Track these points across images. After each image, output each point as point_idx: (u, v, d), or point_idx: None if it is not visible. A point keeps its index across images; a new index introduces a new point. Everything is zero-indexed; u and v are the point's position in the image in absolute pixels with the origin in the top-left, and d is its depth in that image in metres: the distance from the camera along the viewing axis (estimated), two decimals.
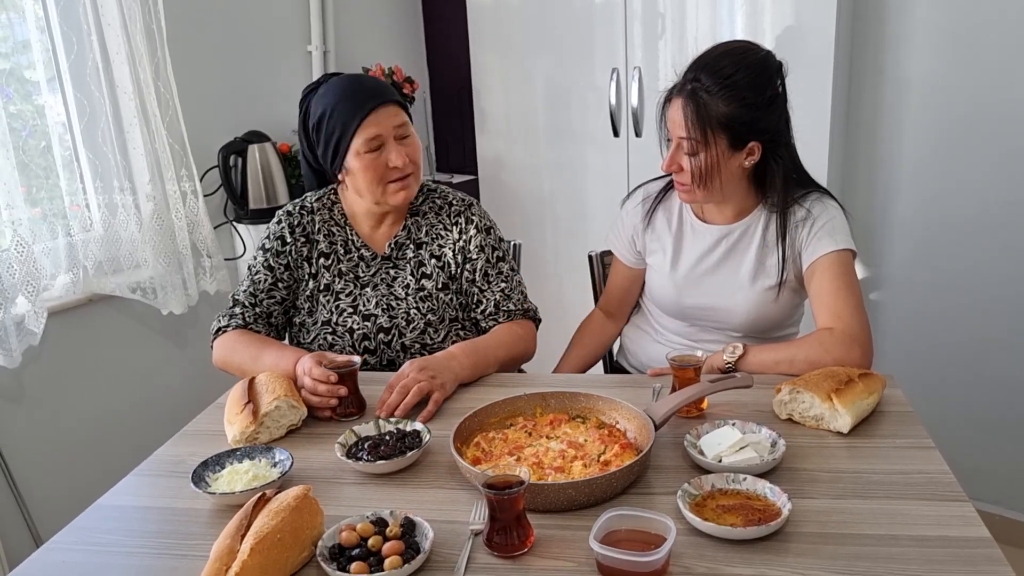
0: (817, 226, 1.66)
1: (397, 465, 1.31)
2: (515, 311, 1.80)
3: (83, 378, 2.35)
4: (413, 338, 1.77)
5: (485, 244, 1.82)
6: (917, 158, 2.49)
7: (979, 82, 2.33)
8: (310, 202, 1.84)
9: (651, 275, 1.87)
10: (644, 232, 1.85)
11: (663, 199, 1.85)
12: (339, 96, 1.70)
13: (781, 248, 1.70)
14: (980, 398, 2.53)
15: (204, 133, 2.58)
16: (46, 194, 2.26)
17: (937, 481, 1.19)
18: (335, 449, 1.34)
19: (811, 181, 1.75)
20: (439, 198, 1.86)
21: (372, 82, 1.75)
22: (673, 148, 1.66)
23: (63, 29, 2.21)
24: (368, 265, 1.81)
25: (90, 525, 1.24)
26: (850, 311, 1.59)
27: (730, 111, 1.58)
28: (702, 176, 1.63)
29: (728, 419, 1.35)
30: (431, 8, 3.49)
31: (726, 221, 1.76)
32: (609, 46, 2.69)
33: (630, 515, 1.07)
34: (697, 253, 1.78)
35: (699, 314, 1.79)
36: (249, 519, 1.08)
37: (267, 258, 1.79)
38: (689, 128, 1.60)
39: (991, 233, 2.40)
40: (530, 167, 3.02)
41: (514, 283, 1.83)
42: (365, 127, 1.67)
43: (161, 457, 1.43)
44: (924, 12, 2.37)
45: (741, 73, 1.58)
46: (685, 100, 1.61)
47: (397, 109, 1.71)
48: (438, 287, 1.80)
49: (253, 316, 1.76)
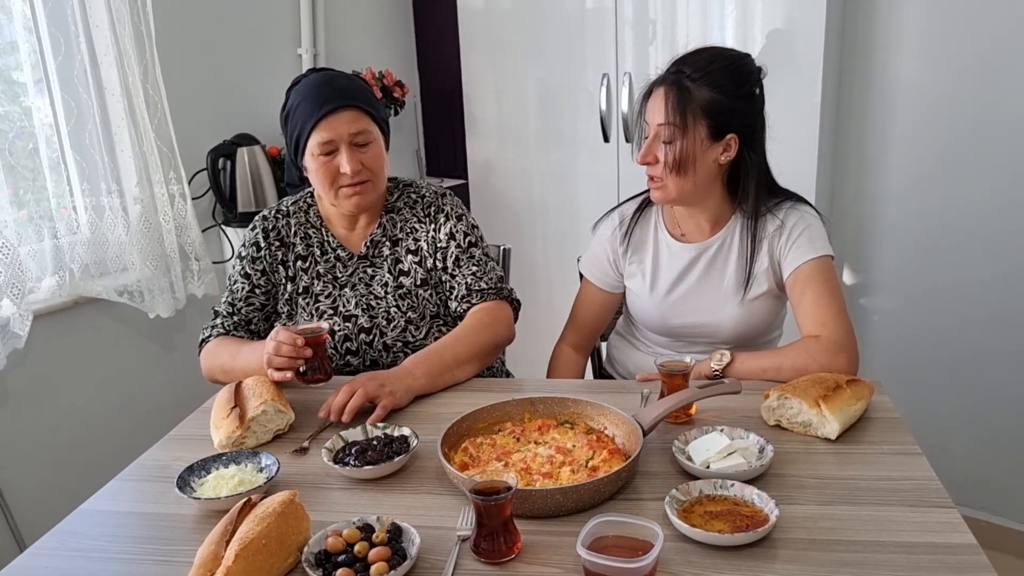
0: (795, 234, 1.67)
1: (384, 470, 1.30)
2: (487, 290, 1.75)
3: (68, 382, 2.33)
4: (395, 336, 1.76)
5: (456, 231, 1.80)
6: (906, 163, 2.50)
7: (968, 87, 2.34)
8: (286, 206, 1.84)
9: (631, 298, 1.85)
10: (624, 255, 1.82)
11: (639, 220, 1.82)
12: (304, 94, 1.69)
13: (749, 257, 1.70)
14: (968, 404, 2.54)
15: (193, 135, 2.57)
16: (33, 196, 2.25)
17: (923, 487, 1.19)
18: (322, 454, 1.34)
19: (783, 190, 1.75)
20: (413, 193, 1.85)
21: (342, 83, 1.71)
22: (650, 138, 1.64)
23: (51, 30, 2.20)
24: (345, 265, 1.80)
25: (74, 530, 1.23)
26: (834, 318, 1.60)
27: (712, 97, 1.59)
28: (676, 165, 1.62)
29: (716, 425, 1.35)
30: (422, 12, 3.49)
31: (703, 236, 1.75)
32: (600, 51, 2.69)
33: (618, 521, 1.07)
34: (675, 273, 1.77)
35: (686, 332, 1.79)
36: (234, 525, 1.07)
37: (243, 266, 1.79)
38: (669, 113, 1.60)
39: (980, 239, 2.42)
40: (521, 171, 3.02)
41: (487, 267, 1.80)
42: (318, 130, 1.66)
43: (146, 462, 1.42)
44: (913, 17, 2.38)
45: (721, 64, 1.62)
46: (668, 87, 1.61)
47: (357, 115, 1.67)
48: (416, 283, 1.79)
49: (232, 324, 1.76)
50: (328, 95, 1.66)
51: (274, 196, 2.70)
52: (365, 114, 1.69)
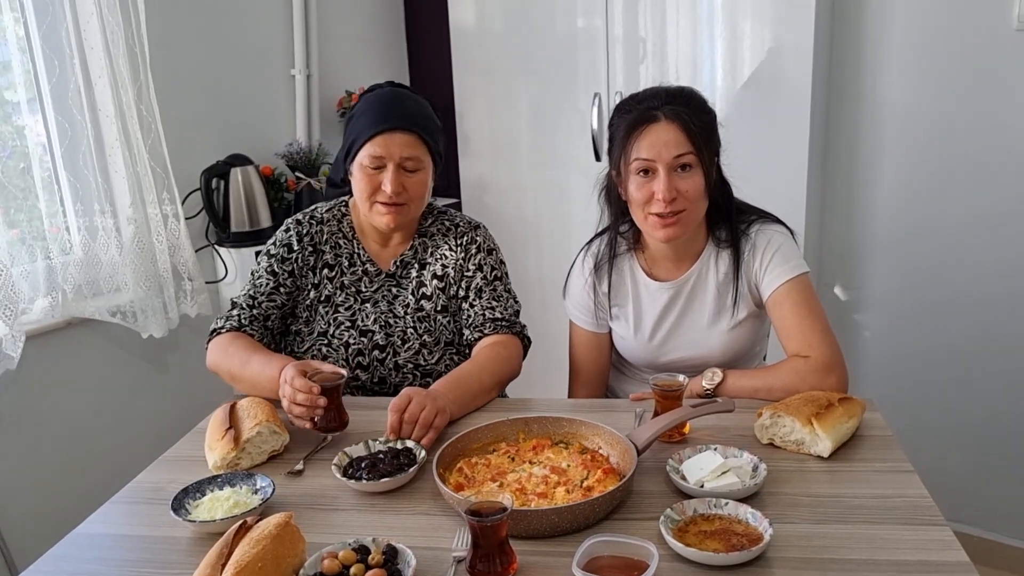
0: (768, 256, 1.67)
1: (399, 482, 1.32)
2: (501, 322, 1.76)
3: (61, 403, 2.32)
4: (407, 357, 1.76)
5: (484, 263, 1.82)
6: (895, 181, 2.52)
7: (955, 105, 2.37)
8: (320, 213, 1.85)
9: (618, 340, 1.84)
10: (608, 297, 1.80)
11: (614, 261, 1.79)
12: (372, 104, 1.73)
13: (735, 286, 1.70)
14: (960, 420, 2.55)
15: (186, 156, 2.57)
16: (25, 216, 2.25)
17: (916, 505, 1.20)
18: (332, 470, 1.34)
19: (748, 207, 1.76)
20: (447, 220, 1.87)
21: (410, 105, 1.73)
22: (664, 174, 1.57)
23: (45, 52, 2.21)
24: (371, 281, 1.81)
25: (67, 554, 1.22)
26: (819, 337, 1.60)
27: (706, 122, 1.62)
28: (707, 189, 1.61)
29: (710, 444, 1.36)
30: (414, 32, 3.52)
31: (679, 273, 1.74)
32: (591, 71, 2.72)
33: (613, 541, 1.08)
34: (657, 313, 1.76)
35: (675, 366, 1.74)
36: (230, 548, 1.07)
37: (271, 263, 1.79)
38: (691, 141, 1.57)
39: (971, 256, 2.43)
40: (513, 190, 3.04)
41: (507, 302, 1.81)
42: (373, 143, 1.68)
43: (140, 484, 1.42)
44: (900, 36, 2.41)
45: (690, 95, 1.64)
46: (671, 120, 1.58)
47: (414, 140, 1.69)
48: (437, 309, 1.80)
49: (249, 318, 1.75)
50: (393, 113, 1.69)
51: (268, 216, 2.70)
52: (422, 142, 1.71)
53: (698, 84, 2.51)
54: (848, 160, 2.58)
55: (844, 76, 2.52)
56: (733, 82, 2.46)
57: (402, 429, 1.44)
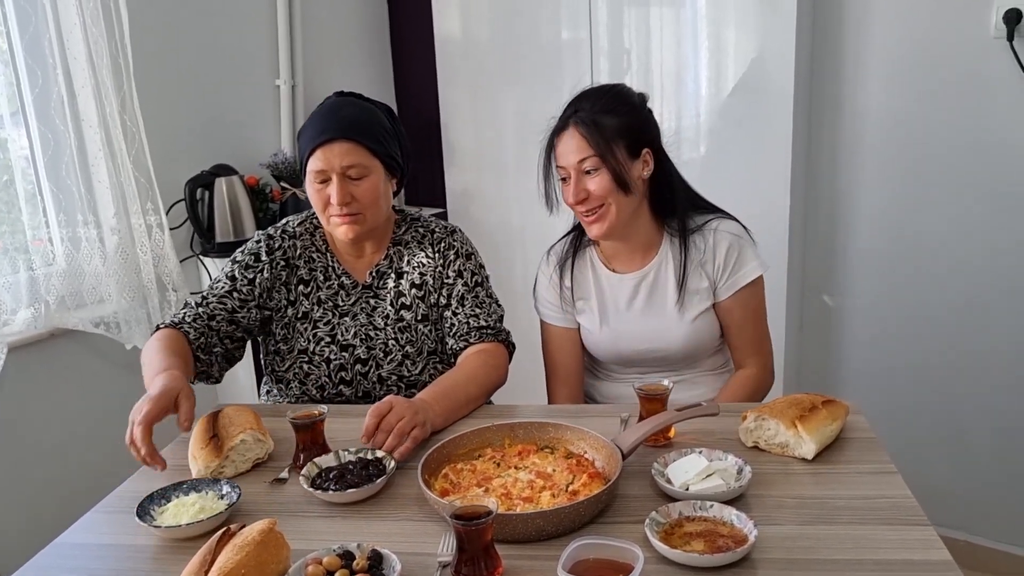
0: (730, 261, 1.76)
1: (366, 493, 1.30)
2: (486, 329, 1.75)
3: (44, 414, 2.30)
4: (390, 370, 1.75)
5: (464, 269, 1.80)
6: (878, 189, 2.54)
7: (936, 113, 2.39)
8: (292, 227, 1.82)
9: (585, 335, 1.88)
10: (572, 293, 1.86)
11: (576, 258, 1.87)
12: (312, 118, 1.72)
13: (681, 278, 1.76)
14: (944, 426, 2.56)
15: (171, 166, 2.56)
16: (8, 227, 2.23)
17: (900, 506, 1.21)
18: (300, 481, 1.33)
19: (709, 205, 1.83)
20: (421, 227, 1.85)
21: (349, 112, 1.70)
22: (574, 178, 1.70)
23: (27, 63, 2.20)
24: (348, 294, 1.79)
25: (49, 563, 1.21)
26: (762, 338, 1.83)
27: (619, 121, 1.68)
28: (618, 183, 1.67)
29: (695, 447, 1.36)
30: (399, 42, 3.52)
31: (639, 266, 1.81)
32: (576, 81, 2.71)
33: (598, 544, 1.07)
34: (620, 304, 1.82)
35: (638, 357, 1.83)
36: (213, 555, 1.07)
37: (233, 269, 1.76)
38: (591, 145, 1.67)
39: (953, 262, 2.46)
40: (499, 200, 3.04)
41: (490, 308, 1.80)
42: (314, 158, 1.67)
43: (123, 494, 1.41)
44: (881, 45, 2.44)
45: (609, 94, 1.72)
46: (575, 126, 1.69)
47: (352, 147, 1.66)
48: (417, 318, 1.78)
49: (193, 316, 1.70)
50: (328, 125, 1.67)
51: (252, 226, 2.69)
52: (363, 147, 1.67)
53: (683, 94, 2.55)
54: (830, 169, 2.60)
55: (826, 84, 2.55)
56: (717, 91, 2.48)
57: (377, 437, 1.41)
